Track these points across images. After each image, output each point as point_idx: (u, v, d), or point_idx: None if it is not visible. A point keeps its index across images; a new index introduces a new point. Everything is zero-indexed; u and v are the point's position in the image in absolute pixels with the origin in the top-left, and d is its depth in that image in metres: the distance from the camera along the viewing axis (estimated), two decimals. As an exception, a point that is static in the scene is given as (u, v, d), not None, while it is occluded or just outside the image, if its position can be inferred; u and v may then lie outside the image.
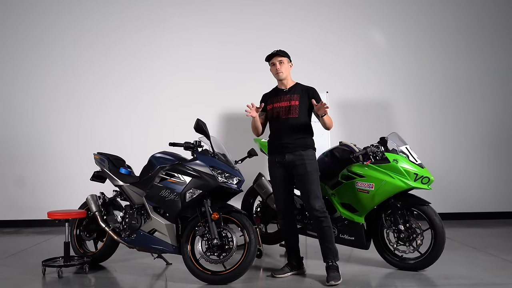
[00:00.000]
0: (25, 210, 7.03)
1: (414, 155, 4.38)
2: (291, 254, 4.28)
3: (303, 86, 4.25)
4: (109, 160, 4.66)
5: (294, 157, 4.07)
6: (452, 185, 7.26)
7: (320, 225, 4.01)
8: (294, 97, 4.17)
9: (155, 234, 4.17)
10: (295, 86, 4.25)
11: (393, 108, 7.42)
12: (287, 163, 4.09)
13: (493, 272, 4.26)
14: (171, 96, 7.22)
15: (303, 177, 4.03)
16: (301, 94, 4.17)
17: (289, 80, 4.26)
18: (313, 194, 4.00)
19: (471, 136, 7.51)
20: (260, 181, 4.93)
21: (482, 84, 7.56)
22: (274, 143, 4.22)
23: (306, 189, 4.03)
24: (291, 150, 4.08)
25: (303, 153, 4.06)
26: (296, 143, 4.09)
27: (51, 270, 4.28)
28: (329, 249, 4.02)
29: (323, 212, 4.00)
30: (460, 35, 7.59)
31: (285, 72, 4.21)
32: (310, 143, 4.15)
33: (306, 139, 4.14)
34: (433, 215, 4.20)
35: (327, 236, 4.02)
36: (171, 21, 7.36)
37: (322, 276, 4.10)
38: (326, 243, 4.03)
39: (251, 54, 7.28)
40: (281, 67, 4.19)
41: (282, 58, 4.21)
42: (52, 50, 7.25)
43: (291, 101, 4.16)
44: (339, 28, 7.47)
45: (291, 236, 4.27)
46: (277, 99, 4.24)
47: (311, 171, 4.02)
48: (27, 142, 7.11)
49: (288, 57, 4.26)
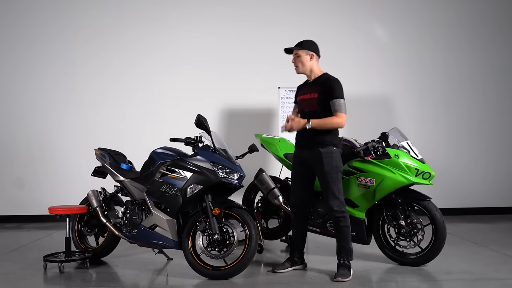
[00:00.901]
0: (26, 205, 7.04)
1: (415, 151, 4.37)
2: (294, 248, 4.25)
3: (327, 77, 4.04)
4: (110, 156, 4.66)
5: (312, 155, 3.97)
6: (453, 180, 7.25)
7: (337, 224, 3.98)
8: (315, 89, 4.00)
9: (156, 230, 4.18)
10: (320, 77, 4.06)
11: (395, 103, 7.41)
12: (307, 160, 4.02)
13: (494, 267, 4.26)
14: (171, 91, 7.21)
15: (321, 176, 3.97)
16: (321, 86, 3.98)
17: (314, 72, 4.08)
18: (331, 194, 3.93)
19: (472, 131, 7.50)
20: (261, 177, 4.92)
21: (485, 79, 7.55)
22: (296, 137, 4.14)
23: (324, 188, 3.98)
24: (309, 147, 3.99)
25: (322, 151, 3.92)
26: (314, 140, 3.95)
27: (52, 265, 4.28)
28: (343, 248, 3.99)
29: (341, 212, 3.94)
30: (463, 30, 7.56)
31: (301, 66, 4.07)
32: (330, 140, 3.95)
33: (325, 135, 3.94)
34: (434, 210, 4.20)
35: (343, 235, 3.98)
36: (169, 16, 7.31)
37: (323, 271, 4.11)
38: (342, 242, 4.00)
39: (252, 48, 7.28)
40: (296, 61, 4.09)
41: (297, 51, 4.07)
42: (52, 46, 7.20)
43: (311, 94, 4.02)
44: (340, 22, 7.42)
45: (299, 231, 4.23)
46: (303, 91, 4.14)
47: (328, 171, 3.91)
48: (28, 138, 7.10)
49: (307, 48, 4.05)
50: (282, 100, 6.77)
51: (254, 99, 7.23)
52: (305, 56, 4.06)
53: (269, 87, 6.96)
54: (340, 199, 3.96)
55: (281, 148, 4.97)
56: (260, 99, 7.21)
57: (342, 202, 3.97)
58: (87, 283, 3.96)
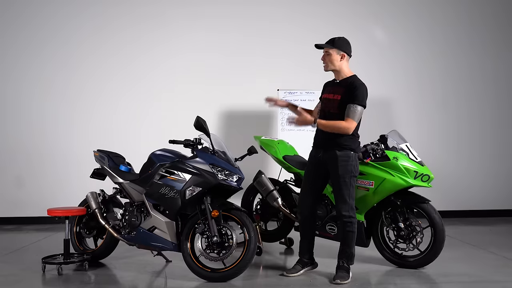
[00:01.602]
0: (25, 207, 7.02)
1: (414, 153, 4.38)
2: (303, 251, 4.19)
3: (353, 80, 3.94)
4: (109, 157, 4.66)
5: (328, 157, 3.93)
6: (452, 183, 7.25)
7: (343, 228, 3.96)
8: (339, 90, 3.92)
9: (155, 232, 4.17)
10: (347, 79, 3.96)
11: (394, 105, 7.41)
12: (322, 161, 3.98)
13: (493, 270, 4.26)
14: (170, 93, 7.19)
15: (334, 179, 3.94)
16: (346, 89, 3.89)
17: (342, 72, 3.98)
18: (342, 198, 3.91)
19: (471, 133, 7.50)
20: (260, 179, 4.92)
21: (485, 81, 7.54)
22: (315, 136, 4.09)
23: (336, 192, 3.96)
24: (326, 149, 3.94)
25: (338, 154, 3.87)
26: (332, 142, 3.90)
27: (51, 267, 4.27)
28: (345, 252, 3.98)
29: (349, 217, 3.91)
30: (463, 30, 7.56)
31: (330, 64, 3.96)
32: (348, 144, 3.89)
33: (344, 138, 3.88)
34: (433, 212, 4.20)
35: (347, 240, 3.97)
36: (168, 15, 7.28)
37: (322, 273, 4.11)
38: (344, 246, 3.99)
39: (252, 50, 7.27)
40: (325, 58, 3.98)
41: (328, 49, 3.95)
42: (48, 46, 7.15)
43: (334, 95, 3.94)
44: (340, 21, 7.39)
45: (308, 235, 4.18)
46: (328, 89, 4.05)
47: (342, 175, 3.87)
48: (27, 140, 7.08)
49: (339, 48, 3.93)
50: (281, 102, 6.75)
51: (254, 101, 7.21)
52: (336, 55, 3.95)
53: (268, 89, 6.94)
54: (350, 204, 3.93)
55: (280, 150, 4.97)
56: (259, 101, 7.16)
57: (351, 207, 3.94)
58: (86, 285, 3.95)
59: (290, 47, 7.27)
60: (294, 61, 7.24)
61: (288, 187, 5.08)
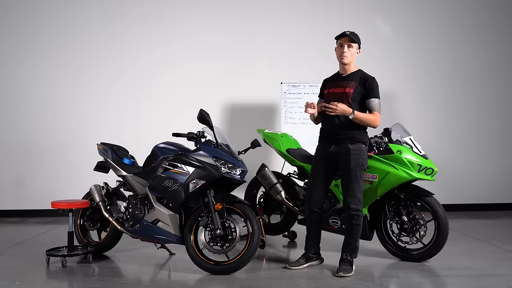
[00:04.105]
0: (29, 200, 7.05)
1: (418, 146, 4.36)
2: (309, 245, 4.18)
3: (364, 74, 4.02)
4: (113, 150, 4.66)
5: (339, 150, 3.93)
6: (456, 176, 7.24)
7: (350, 221, 3.97)
8: (351, 84, 3.97)
9: (158, 224, 4.17)
10: (356, 73, 4.03)
11: (397, 98, 7.38)
12: (332, 155, 3.99)
13: (496, 263, 4.26)
14: (174, 86, 7.19)
15: (345, 173, 3.94)
16: (358, 82, 3.96)
17: (351, 66, 4.05)
18: (351, 191, 3.92)
19: (476, 127, 7.47)
20: (263, 172, 4.92)
21: (490, 74, 7.50)
22: (323, 131, 4.09)
23: (345, 185, 3.96)
24: (338, 142, 3.94)
25: (350, 147, 3.89)
26: (344, 135, 3.92)
27: (55, 260, 4.30)
28: (349, 244, 3.99)
29: (356, 211, 3.92)
30: (467, 26, 7.51)
31: (350, 57, 3.99)
32: (360, 137, 3.94)
33: (356, 131, 3.93)
34: (436, 206, 4.19)
35: (352, 233, 3.98)
36: (172, 10, 7.28)
37: (325, 266, 4.11)
38: (349, 238, 4.00)
39: (254, 44, 7.25)
40: (348, 51, 3.98)
41: (352, 43, 3.99)
42: (53, 45, 7.16)
43: (346, 88, 3.96)
44: (341, 18, 7.38)
45: (315, 230, 4.16)
46: (335, 84, 4.05)
47: (353, 168, 3.88)
48: (31, 132, 7.10)
49: (359, 43, 4.03)
50: (284, 95, 6.76)
51: (257, 94, 7.22)
52: (355, 50, 4.03)
53: (271, 82, 6.94)
54: (358, 198, 3.93)
55: (283, 144, 4.96)
56: (262, 94, 7.19)
57: (359, 201, 3.94)
58: (90, 277, 3.96)
59: (291, 39, 7.24)
60: (296, 52, 7.21)
61: (292, 180, 5.08)
